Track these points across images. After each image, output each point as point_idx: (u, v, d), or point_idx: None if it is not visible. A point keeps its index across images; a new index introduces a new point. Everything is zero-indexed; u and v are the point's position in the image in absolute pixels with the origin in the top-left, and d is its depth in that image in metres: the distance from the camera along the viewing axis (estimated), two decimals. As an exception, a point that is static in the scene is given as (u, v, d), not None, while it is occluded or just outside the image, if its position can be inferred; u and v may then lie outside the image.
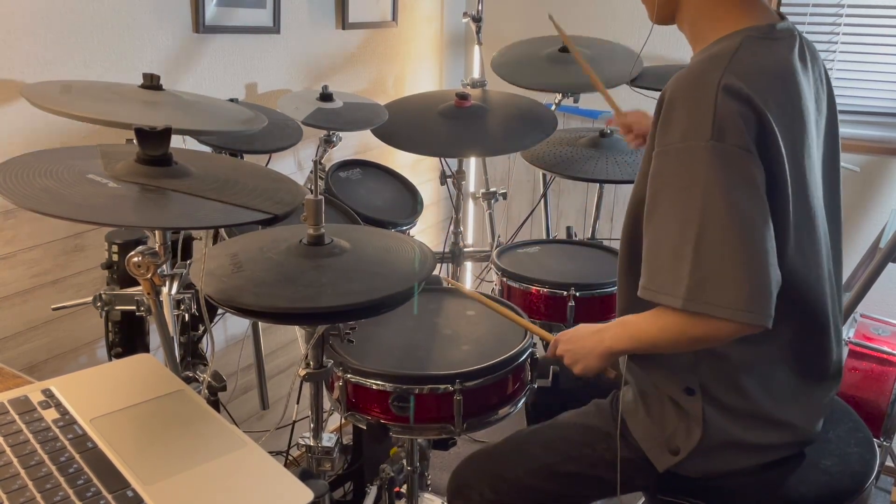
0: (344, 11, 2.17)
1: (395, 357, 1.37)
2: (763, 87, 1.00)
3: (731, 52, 1.02)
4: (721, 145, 0.96)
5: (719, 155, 0.96)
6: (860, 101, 2.33)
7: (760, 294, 0.95)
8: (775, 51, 1.06)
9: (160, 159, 1.04)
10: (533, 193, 2.89)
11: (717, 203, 0.96)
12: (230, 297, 1.04)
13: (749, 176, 0.97)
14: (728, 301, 0.95)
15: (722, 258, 0.95)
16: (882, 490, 2.29)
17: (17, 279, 1.49)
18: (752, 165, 0.97)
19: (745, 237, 0.96)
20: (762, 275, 0.96)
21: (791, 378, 1.16)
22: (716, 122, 0.96)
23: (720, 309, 0.95)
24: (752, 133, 0.97)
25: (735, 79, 0.98)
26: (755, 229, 0.96)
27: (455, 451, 1.64)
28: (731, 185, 0.96)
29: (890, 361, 1.82)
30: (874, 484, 1.22)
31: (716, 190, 0.96)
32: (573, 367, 1.20)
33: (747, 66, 1.01)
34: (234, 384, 2.08)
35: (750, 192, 0.97)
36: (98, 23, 1.54)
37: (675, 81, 1.03)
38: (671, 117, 1.01)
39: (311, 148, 2.11)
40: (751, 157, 0.97)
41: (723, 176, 0.96)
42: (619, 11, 2.56)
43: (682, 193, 0.99)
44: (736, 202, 0.96)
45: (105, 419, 0.83)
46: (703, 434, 1.13)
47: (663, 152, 1.02)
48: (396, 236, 1.31)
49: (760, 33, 1.06)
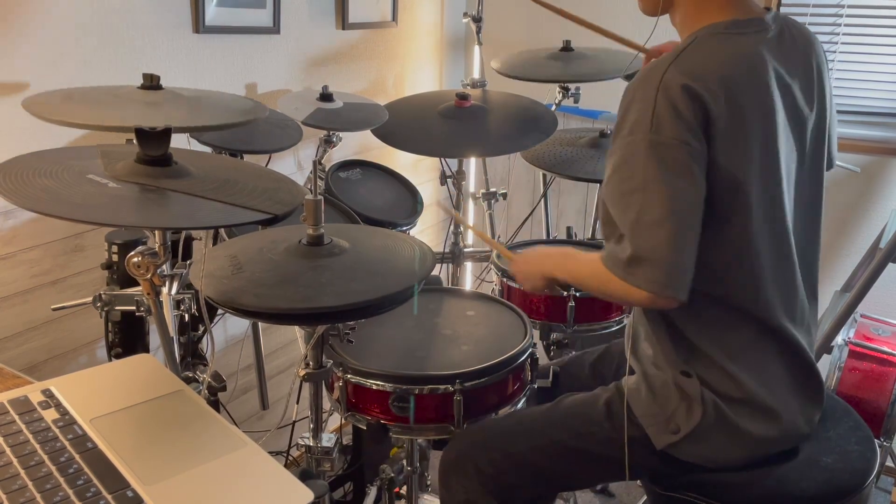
0: (344, 11, 2.17)
1: (395, 357, 1.37)
2: (708, 76, 1.05)
3: (681, 48, 1.09)
4: (658, 138, 1.04)
5: (655, 147, 1.05)
6: (860, 101, 2.32)
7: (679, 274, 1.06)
8: (732, 43, 1.10)
9: (160, 159, 1.04)
10: (533, 193, 2.89)
11: (653, 192, 1.05)
12: (230, 298, 1.04)
13: (685, 164, 1.05)
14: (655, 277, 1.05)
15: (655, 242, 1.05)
16: (882, 490, 2.29)
17: (17, 279, 1.49)
18: (688, 156, 1.05)
19: (675, 223, 1.05)
20: (684, 259, 1.06)
21: (781, 372, 1.18)
22: (654, 116, 1.05)
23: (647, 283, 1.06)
24: (687, 124, 1.04)
25: (678, 74, 1.05)
26: (685, 215, 1.06)
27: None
28: (666, 173, 1.04)
29: (890, 361, 1.82)
30: (874, 484, 1.22)
31: (652, 177, 1.05)
32: (523, 284, 1.37)
33: (695, 59, 1.07)
34: (234, 384, 2.08)
35: (683, 180, 1.05)
36: (98, 23, 1.54)
37: (633, 81, 1.11)
38: (625, 111, 1.10)
39: (311, 148, 2.11)
40: (686, 147, 1.05)
41: (659, 165, 1.05)
42: (620, 12, 2.56)
43: (626, 180, 1.08)
44: (670, 188, 1.04)
45: (105, 419, 0.83)
46: (703, 414, 1.15)
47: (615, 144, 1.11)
48: (396, 236, 1.31)
49: (718, 29, 1.11)
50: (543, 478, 1.27)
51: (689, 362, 1.17)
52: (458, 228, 2.19)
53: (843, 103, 2.34)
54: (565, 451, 1.25)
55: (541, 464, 1.25)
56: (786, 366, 1.18)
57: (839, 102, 2.34)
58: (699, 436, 1.16)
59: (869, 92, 2.31)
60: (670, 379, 1.18)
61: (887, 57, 2.26)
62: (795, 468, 1.18)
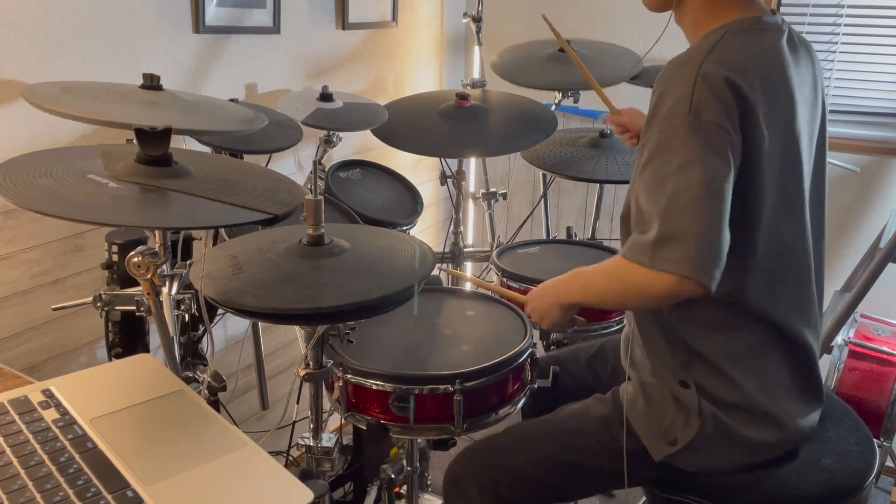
0: (344, 11, 2.17)
1: (395, 357, 1.37)
2: (746, 71, 1.05)
3: (713, 43, 1.08)
4: (697, 120, 1.03)
5: (695, 129, 1.03)
6: (860, 101, 2.32)
7: (714, 258, 1.02)
8: (761, 39, 1.11)
9: (160, 159, 1.04)
10: (533, 193, 2.89)
11: (690, 171, 1.02)
12: (230, 298, 1.04)
13: (722, 150, 1.03)
14: (686, 260, 1.01)
15: (687, 222, 1.02)
16: (882, 490, 2.29)
17: (17, 279, 1.49)
18: (726, 142, 1.04)
19: (710, 204, 1.02)
20: (718, 241, 1.02)
21: (782, 374, 1.17)
22: (693, 102, 1.04)
23: (678, 266, 1.01)
24: (727, 112, 1.04)
25: (715, 65, 1.05)
26: (720, 200, 1.03)
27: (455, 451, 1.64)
28: (705, 155, 1.03)
29: (890, 361, 1.82)
30: (874, 484, 1.22)
31: (691, 158, 1.03)
32: (541, 323, 1.29)
33: (729, 53, 1.07)
34: (234, 384, 2.08)
35: (721, 165, 1.03)
36: (98, 23, 1.54)
37: (663, 73, 1.10)
38: (658, 101, 1.09)
39: (311, 148, 2.11)
40: (724, 133, 1.03)
41: (698, 147, 1.03)
42: (620, 12, 2.56)
43: (661, 164, 1.06)
44: (707, 172, 1.02)
45: (105, 419, 0.83)
46: (700, 426, 1.15)
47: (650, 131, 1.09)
48: (396, 236, 1.31)
49: (745, 24, 1.11)
50: (542, 491, 1.27)
51: (688, 368, 1.16)
52: (457, 228, 2.19)
53: (843, 103, 2.34)
54: (562, 465, 1.25)
55: (539, 478, 1.26)
56: (788, 367, 1.18)
57: (839, 102, 2.35)
58: (697, 446, 1.16)
59: (869, 92, 2.31)
60: (667, 390, 1.18)
61: (887, 57, 2.26)
62: (795, 469, 1.18)
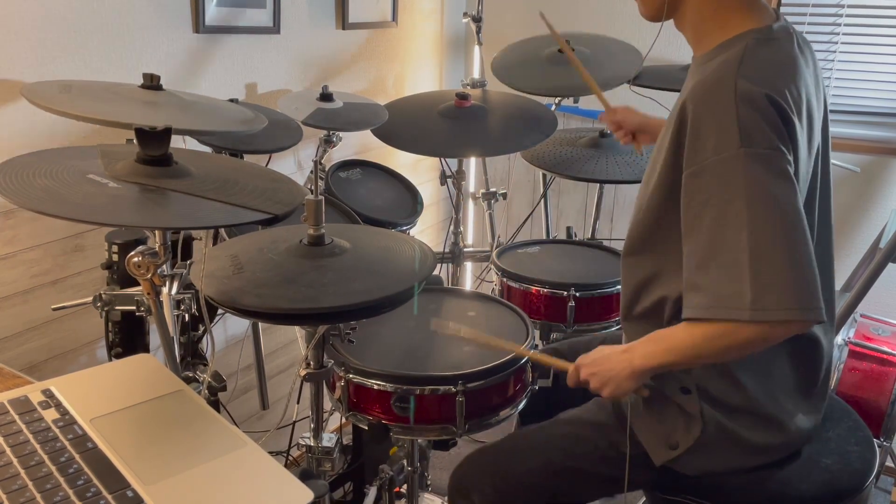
0: (344, 11, 2.17)
1: (397, 357, 1.37)
2: (778, 84, 1.01)
3: (739, 57, 1.03)
4: (752, 150, 0.97)
5: (752, 159, 0.97)
6: (860, 101, 2.32)
7: (814, 288, 0.96)
8: (780, 49, 1.07)
9: (160, 159, 1.04)
10: (533, 193, 2.89)
11: (761, 206, 0.96)
12: (231, 298, 1.04)
13: (785, 172, 0.98)
14: (789, 303, 0.95)
15: (778, 261, 0.96)
16: (882, 490, 2.29)
17: (17, 279, 1.48)
18: (784, 162, 0.98)
19: (792, 234, 0.96)
20: (811, 269, 0.97)
21: (789, 375, 1.16)
22: (741, 129, 0.97)
23: (784, 312, 0.95)
24: (777, 131, 0.98)
25: (749, 83, 0.99)
26: (799, 224, 0.97)
27: (455, 451, 1.64)
28: (771, 184, 0.97)
29: (890, 361, 1.82)
30: (874, 484, 1.22)
31: (758, 193, 0.97)
32: (601, 390, 1.16)
33: (758, 67, 1.02)
34: (234, 384, 2.08)
35: (789, 188, 0.98)
36: (98, 23, 1.54)
37: (692, 96, 1.03)
38: (698, 134, 1.01)
39: (311, 148, 2.11)
40: (781, 154, 0.98)
41: (761, 178, 0.97)
42: (621, 10, 2.56)
43: (725, 206, 0.98)
44: (778, 200, 0.97)
45: (105, 419, 0.83)
46: (702, 430, 1.14)
47: (699, 171, 1.02)
48: (396, 236, 1.31)
49: (763, 35, 1.07)
50: (544, 497, 1.27)
51: (689, 372, 1.15)
52: (457, 228, 2.19)
53: (843, 103, 2.34)
54: (563, 471, 1.25)
55: (541, 484, 1.26)
56: (795, 367, 1.17)
57: (839, 102, 2.35)
58: (699, 450, 1.15)
59: (869, 92, 2.31)
60: (668, 395, 1.17)
61: (887, 57, 2.26)
62: (795, 470, 1.18)
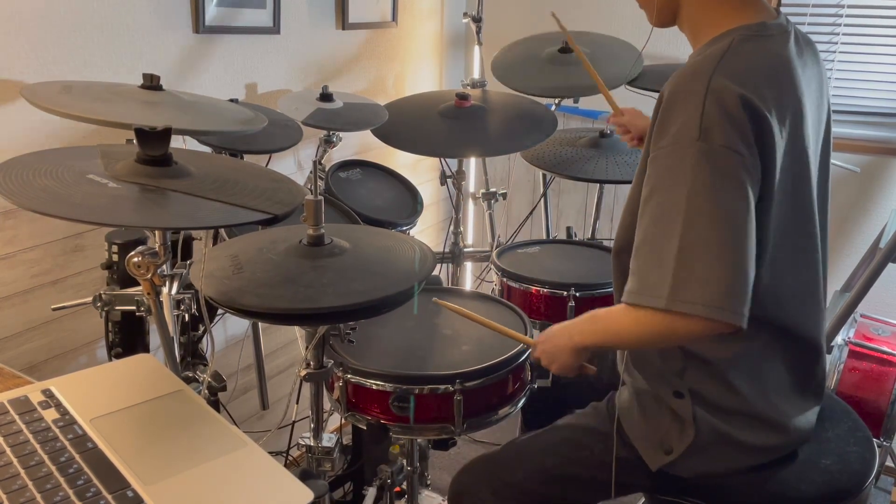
0: (344, 11, 2.17)
1: (396, 357, 1.37)
2: (757, 84, 1.00)
3: (721, 53, 1.03)
4: (706, 145, 0.97)
5: (704, 154, 0.97)
6: (860, 101, 2.32)
7: (738, 293, 0.96)
8: (768, 48, 1.06)
9: (160, 159, 1.04)
10: (533, 193, 2.89)
11: (702, 201, 0.96)
12: (231, 298, 1.04)
13: (736, 175, 0.97)
14: (707, 299, 0.95)
15: (704, 257, 0.95)
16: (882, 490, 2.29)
17: (17, 279, 1.49)
18: (739, 165, 0.97)
19: (727, 237, 0.96)
20: (740, 275, 0.96)
21: (782, 375, 1.16)
22: (702, 123, 0.97)
23: (699, 307, 0.95)
24: (742, 134, 0.97)
25: (725, 79, 0.98)
26: (738, 229, 0.97)
27: (455, 451, 1.64)
28: (717, 183, 0.96)
29: (890, 361, 1.82)
30: (874, 484, 1.22)
31: (701, 188, 0.96)
32: (550, 367, 1.20)
33: (739, 65, 1.01)
34: (234, 384, 2.08)
35: (735, 192, 0.97)
36: (98, 23, 1.54)
37: (669, 84, 1.04)
38: (665, 120, 1.02)
39: (311, 148, 2.11)
40: (738, 157, 0.97)
41: (708, 174, 0.96)
42: (620, 12, 2.56)
43: (668, 194, 0.99)
44: (721, 200, 0.96)
45: (105, 419, 0.83)
46: (696, 434, 1.14)
47: (655, 157, 1.02)
48: (396, 236, 1.31)
49: (751, 31, 1.06)
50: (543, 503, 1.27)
51: (683, 376, 1.15)
52: (457, 228, 2.19)
53: (843, 103, 2.34)
54: (561, 477, 1.25)
55: (539, 490, 1.26)
56: (790, 367, 1.16)
57: (839, 102, 2.34)
58: (693, 453, 1.15)
59: (869, 92, 2.31)
60: (662, 399, 1.17)
61: (887, 57, 2.26)
62: (794, 471, 1.18)
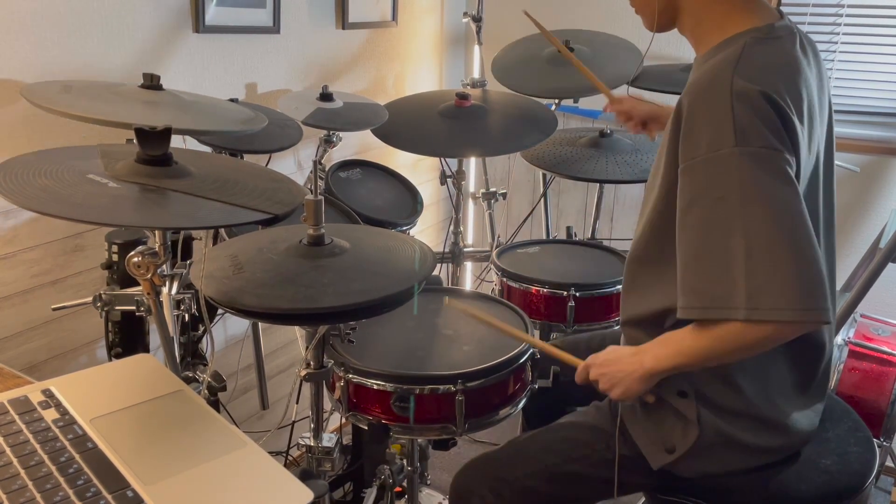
0: (344, 11, 2.17)
1: (396, 357, 1.37)
2: (776, 83, 1.00)
3: (736, 56, 1.02)
4: (746, 149, 0.96)
5: (748, 158, 0.96)
6: (860, 101, 2.32)
7: (817, 288, 0.94)
8: (779, 48, 1.07)
9: (160, 159, 1.04)
10: (533, 193, 2.89)
11: (756, 205, 0.95)
12: (231, 298, 1.04)
13: (782, 171, 0.96)
14: (788, 303, 0.93)
15: (774, 260, 0.94)
16: (882, 490, 2.29)
17: (17, 279, 1.48)
18: (782, 161, 0.97)
19: (792, 234, 0.95)
20: (815, 268, 0.95)
21: (786, 377, 1.16)
22: (736, 127, 0.96)
23: (783, 312, 0.93)
24: (774, 130, 0.97)
25: (745, 81, 0.98)
26: (800, 224, 0.96)
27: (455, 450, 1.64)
28: (767, 183, 0.96)
29: (890, 361, 1.82)
30: (874, 484, 1.22)
31: (752, 192, 0.95)
32: (611, 391, 1.15)
33: (755, 65, 1.01)
34: (234, 384, 2.08)
35: (786, 187, 0.96)
36: (98, 23, 1.54)
37: (688, 93, 1.03)
38: (692, 129, 1.01)
39: (311, 148, 2.11)
40: (778, 154, 0.97)
41: (756, 177, 0.96)
42: (620, 12, 2.56)
43: (718, 204, 0.97)
44: (775, 200, 0.95)
45: (105, 419, 0.83)
46: (699, 434, 1.14)
47: (690, 167, 1.01)
48: (396, 236, 1.31)
49: (762, 34, 1.06)
50: (543, 502, 1.27)
51: (686, 376, 1.14)
52: (457, 228, 2.19)
53: (843, 103, 2.34)
54: (561, 476, 1.25)
55: (540, 489, 1.25)
56: (794, 368, 1.16)
57: (839, 102, 2.34)
58: (696, 453, 1.15)
59: (869, 92, 2.31)
60: (666, 398, 1.17)
61: (887, 57, 2.26)
62: (795, 471, 1.18)
